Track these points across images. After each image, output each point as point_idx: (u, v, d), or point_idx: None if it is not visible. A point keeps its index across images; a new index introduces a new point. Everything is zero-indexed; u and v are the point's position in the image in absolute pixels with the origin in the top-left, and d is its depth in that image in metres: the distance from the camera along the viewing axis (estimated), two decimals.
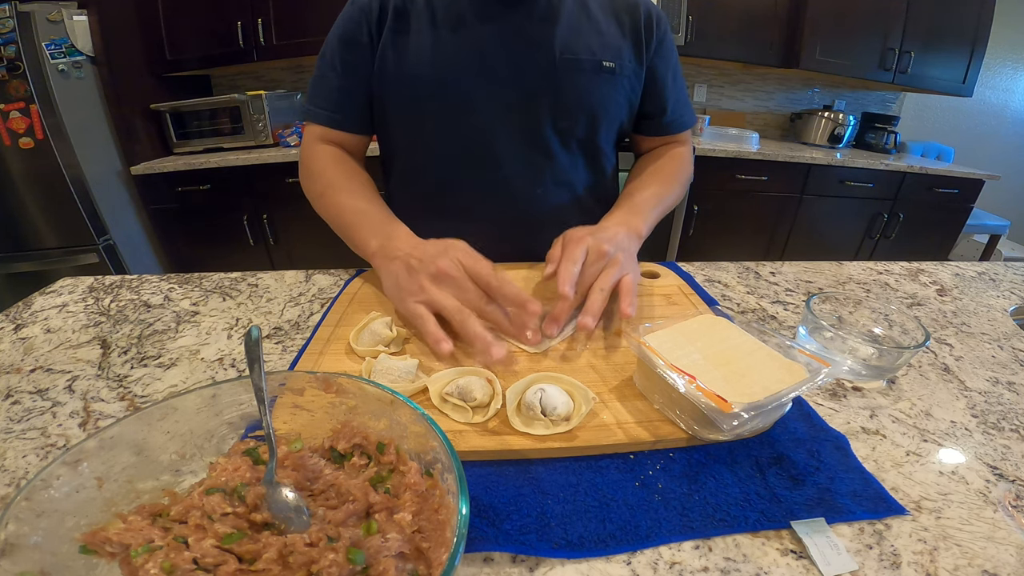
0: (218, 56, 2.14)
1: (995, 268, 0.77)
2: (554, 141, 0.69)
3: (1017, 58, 2.83)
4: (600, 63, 0.66)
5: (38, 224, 1.91)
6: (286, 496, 0.28)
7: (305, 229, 2.17)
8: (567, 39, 0.65)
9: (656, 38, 0.70)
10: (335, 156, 0.70)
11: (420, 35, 0.64)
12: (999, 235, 2.64)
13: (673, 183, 0.73)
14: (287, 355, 0.50)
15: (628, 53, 0.69)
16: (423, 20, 0.64)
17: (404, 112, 0.69)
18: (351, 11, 0.66)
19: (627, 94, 0.71)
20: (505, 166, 0.69)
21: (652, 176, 0.72)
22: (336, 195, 0.65)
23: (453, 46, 0.64)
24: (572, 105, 0.67)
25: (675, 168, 0.75)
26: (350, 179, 0.67)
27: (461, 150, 0.69)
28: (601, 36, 0.67)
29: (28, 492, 0.24)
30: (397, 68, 0.65)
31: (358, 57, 0.66)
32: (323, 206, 0.67)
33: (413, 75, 0.65)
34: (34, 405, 0.43)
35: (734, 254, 2.37)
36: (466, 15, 0.64)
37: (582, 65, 0.66)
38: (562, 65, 0.65)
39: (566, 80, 0.66)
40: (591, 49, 0.66)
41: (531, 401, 0.37)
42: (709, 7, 2.16)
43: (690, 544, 0.30)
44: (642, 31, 0.69)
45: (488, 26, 0.64)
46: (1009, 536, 0.31)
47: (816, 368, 0.37)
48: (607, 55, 0.67)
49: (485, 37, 0.64)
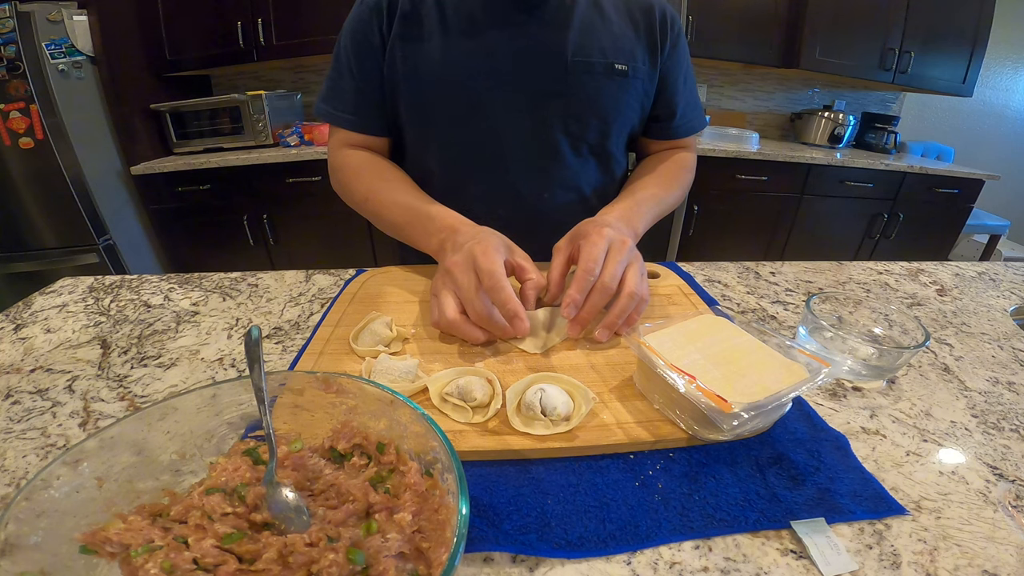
0: (218, 56, 2.14)
1: (995, 268, 0.77)
2: (564, 144, 0.69)
3: (1017, 58, 2.83)
4: (612, 65, 0.65)
5: (38, 224, 1.91)
6: (286, 496, 0.28)
7: (305, 229, 2.18)
8: (579, 41, 0.64)
9: (670, 41, 0.69)
10: (365, 160, 0.69)
11: (430, 36, 0.63)
12: (999, 235, 2.65)
13: (674, 187, 0.72)
14: (287, 355, 0.50)
15: (642, 55, 0.67)
16: (433, 21, 0.63)
17: (414, 114, 0.68)
18: (360, 11, 0.65)
19: (639, 97, 0.70)
20: (514, 169, 0.69)
21: (655, 178, 0.71)
22: (380, 197, 0.66)
23: (463, 48, 0.63)
24: (583, 109, 0.66)
25: (678, 172, 0.74)
26: (390, 181, 0.67)
27: (470, 153, 0.68)
28: (614, 38, 0.66)
29: (28, 492, 0.24)
30: (407, 69, 0.64)
31: (371, 59, 0.65)
32: (369, 213, 0.68)
33: (422, 77, 0.64)
34: (34, 405, 0.43)
35: (734, 254, 2.37)
36: (476, 16, 0.63)
37: (594, 68, 0.65)
38: (573, 68, 0.64)
39: (577, 83, 0.65)
40: (603, 51, 0.65)
41: (531, 401, 0.37)
42: (709, 7, 2.16)
43: (690, 544, 0.30)
44: (657, 33, 0.67)
45: (498, 28, 0.63)
46: (1009, 536, 0.31)
47: (816, 368, 0.37)
48: (620, 57, 0.66)
49: (495, 39, 0.63)
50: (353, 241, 2.21)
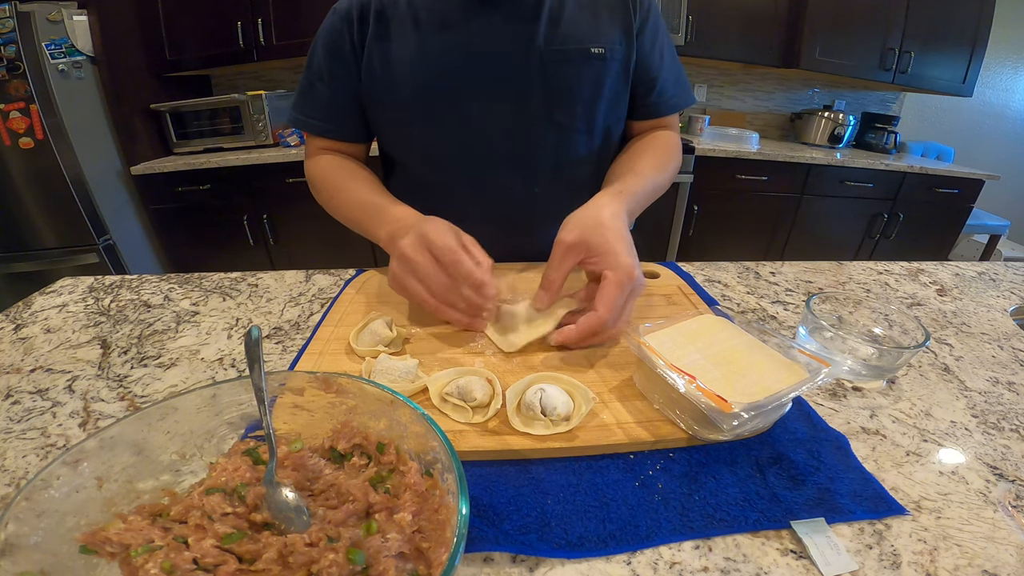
0: (218, 56, 2.14)
1: (995, 268, 0.77)
2: (550, 137, 0.68)
3: (1017, 58, 2.83)
4: (588, 50, 0.65)
5: (38, 224, 1.91)
6: (286, 496, 0.28)
7: (305, 229, 2.17)
8: (552, 30, 0.64)
9: (640, 16, 0.68)
10: (334, 162, 0.70)
11: (404, 39, 0.64)
12: (999, 235, 2.64)
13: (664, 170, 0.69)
14: (287, 355, 0.50)
15: (618, 35, 0.67)
16: (406, 23, 0.64)
17: (394, 117, 0.68)
18: (332, 20, 0.66)
19: (621, 77, 0.69)
20: (502, 166, 0.68)
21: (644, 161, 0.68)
22: (341, 196, 0.67)
23: (438, 48, 0.63)
24: (565, 97, 0.66)
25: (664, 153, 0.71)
26: (352, 180, 0.67)
27: (454, 152, 0.68)
28: (588, 23, 0.65)
29: (28, 492, 0.24)
30: (384, 73, 0.64)
31: (344, 66, 0.66)
32: (334, 210, 0.69)
33: (400, 79, 0.64)
34: (34, 405, 0.43)
35: (734, 254, 2.37)
36: (449, 16, 0.63)
37: (570, 55, 0.64)
38: (549, 57, 0.64)
39: (555, 73, 0.64)
40: (577, 37, 0.64)
41: (531, 401, 0.37)
42: (709, 7, 2.16)
43: (690, 544, 0.30)
44: (630, 10, 0.67)
45: (472, 25, 0.63)
46: (1009, 536, 0.31)
47: (816, 368, 0.37)
48: (595, 41, 0.65)
49: (470, 37, 0.63)
50: (353, 241, 2.18)
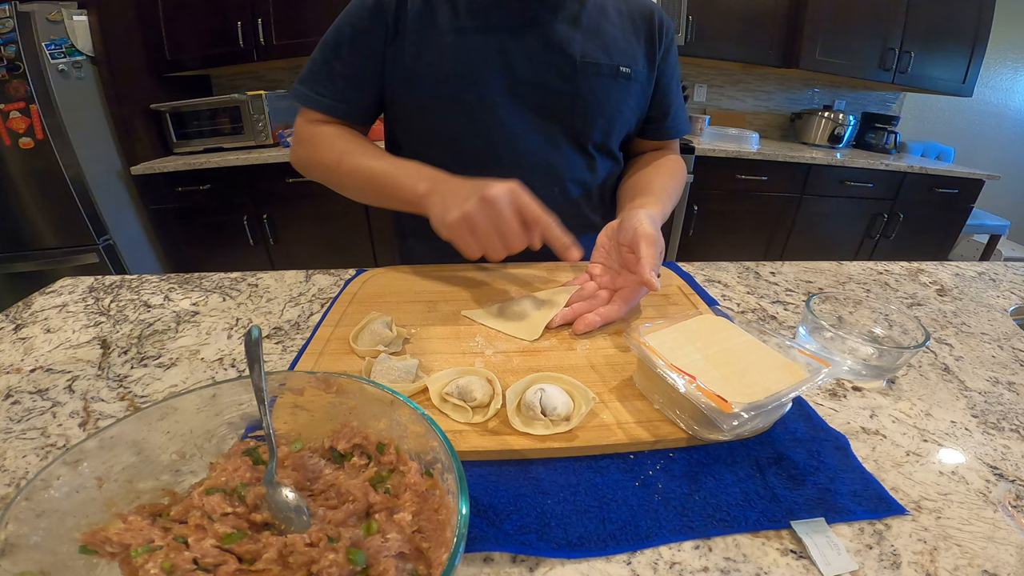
0: (218, 56, 2.14)
1: (995, 268, 0.77)
2: (570, 142, 0.71)
3: (1017, 58, 2.83)
4: (618, 68, 0.68)
5: (38, 224, 1.90)
6: (286, 496, 0.28)
7: (305, 229, 2.17)
8: (588, 43, 0.66)
9: (664, 45, 0.72)
10: (340, 130, 0.69)
11: (442, 32, 0.64)
12: (999, 235, 2.64)
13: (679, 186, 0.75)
14: (287, 355, 0.50)
15: (642, 59, 0.71)
16: (446, 17, 0.64)
17: (422, 108, 0.69)
18: (362, 3, 0.65)
19: (639, 99, 0.73)
20: (523, 165, 0.69)
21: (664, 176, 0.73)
22: (355, 159, 0.65)
23: (475, 44, 0.64)
24: (590, 109, 0.69)
25: (678, 171, 0.77)
26: (364, 146, 0.67)
27: (480, 148, 0.69)
28: (619, 41, 0.69)
29: (28, 492, 0.24)
30: (416, 64, 0.65)
31: (369, 49, 0.65)
32: (343, 173, 0.66)
33: (434, 72, 0.65)
34: (34, 405, 0.43)
35: (734, 254, 2.37)
36: (490, 14, 0.64)
37: (601, 70, 0.67)
38: (583, 69, 0.66)
39: (585, 84, 0.67)
40: (609, 54, 0.67)
41: (531, 401, 0.37)
42: (709, 7, 2.16)
43: (690, 544, 0.30)
44: (655, 38, 0.71)
45: (511, 26, 0.64)
46: (1009, 536, 0.31)
47: (816, 368, 0.37)
48: (624, 60, 0.68)
49: (508, 37, 0.64)
50: (353, 241, 2.21)
